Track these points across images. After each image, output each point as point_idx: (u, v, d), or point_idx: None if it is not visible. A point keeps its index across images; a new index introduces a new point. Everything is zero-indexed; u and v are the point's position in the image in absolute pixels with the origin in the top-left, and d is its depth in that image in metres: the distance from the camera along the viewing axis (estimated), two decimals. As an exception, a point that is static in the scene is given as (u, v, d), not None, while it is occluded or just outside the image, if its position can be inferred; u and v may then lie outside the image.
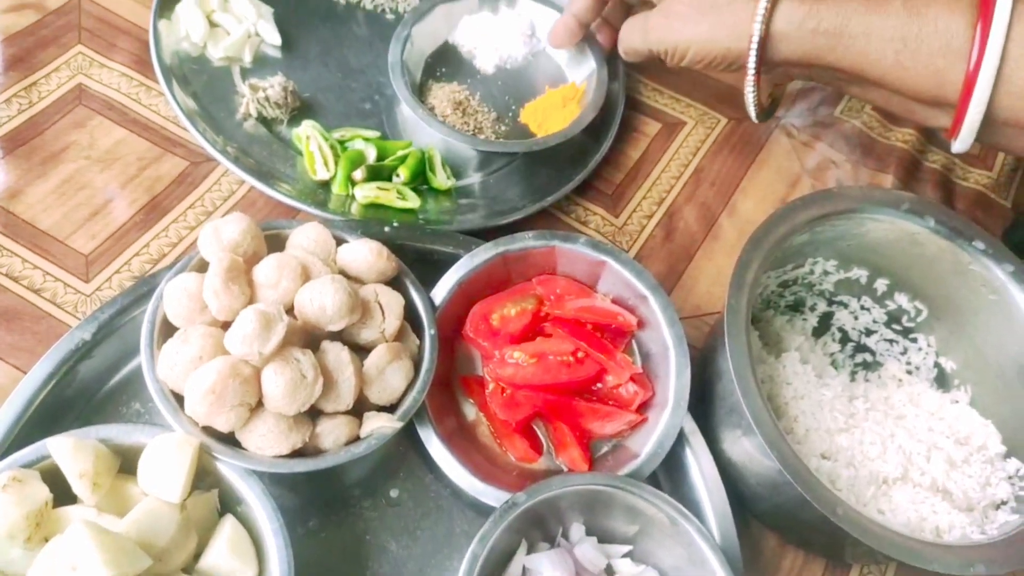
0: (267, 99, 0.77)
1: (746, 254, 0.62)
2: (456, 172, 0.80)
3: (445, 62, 0.87)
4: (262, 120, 0.78)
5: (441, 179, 0.78)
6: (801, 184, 0.87)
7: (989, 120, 0.59)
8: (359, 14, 0.89)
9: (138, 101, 0.77)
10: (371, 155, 0.76)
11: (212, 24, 0.81)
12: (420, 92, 0.82)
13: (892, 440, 0.63)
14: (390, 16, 0.89)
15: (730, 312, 0.59)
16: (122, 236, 0.70)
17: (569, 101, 0.83)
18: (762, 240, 0.63)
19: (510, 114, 0.85)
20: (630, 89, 0.90)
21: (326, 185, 0.75)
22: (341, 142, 0.77)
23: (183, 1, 0.80)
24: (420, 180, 0.77)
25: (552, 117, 0.82)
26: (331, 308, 0.57)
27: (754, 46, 0.64)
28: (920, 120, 0.66)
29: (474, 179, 0.81)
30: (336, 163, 0.75)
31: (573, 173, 0.80)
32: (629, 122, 0.87)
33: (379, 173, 0.75)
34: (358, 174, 0.74)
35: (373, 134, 0.79)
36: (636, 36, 0.74)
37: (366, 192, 0.74)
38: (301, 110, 0.79)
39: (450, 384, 0.67)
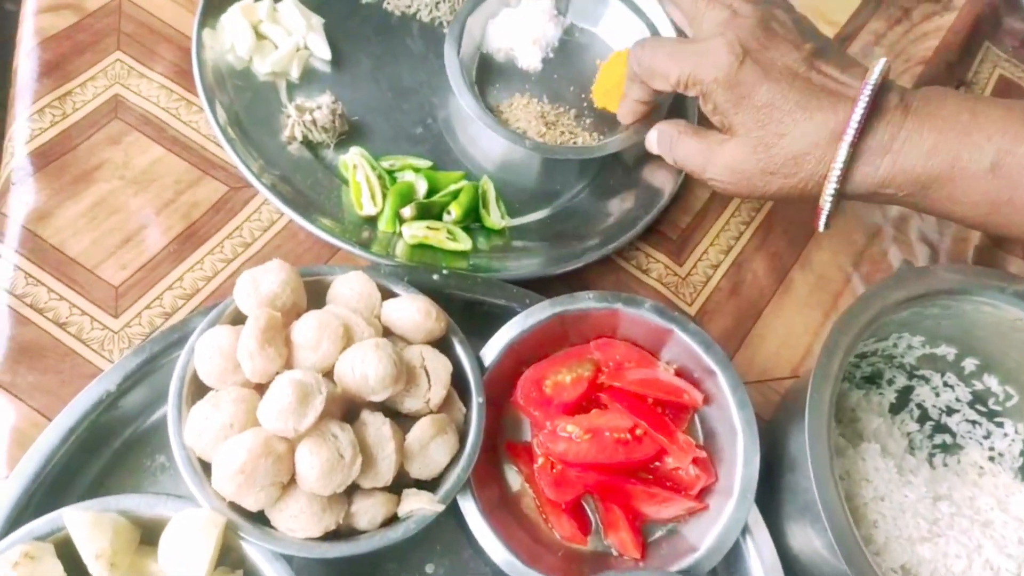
0: (314, 122, 0.71)
1: (832, 340, 0.56)
2: (511, 210, 0.74)
3: (491, 76, 0.81)
4: (307, 144, 0.72)
5: (495, 218, 0.72)
6: (882, 236, 0.80)
7: None
8: (414, 26, 0.83)
9: (177, 117, 0.72)
10: (422, 188, 0.71)
11: (259, 36, 0.75)
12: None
13: (979, 553, 0.57)
14: (447, 31, 0.83)
15: (812, 409, 0.53)
16: (155, 267, 0.65)
17: None
18: (849, 325, 0.57)
19: (585, 105, 0.80)
20: (703, 117, 0.83)
21: (371, 221, 0.70)
22: (390, 172, 0.72)
23: (229, 10, 0.74)
24: (472, 218, 0.72)
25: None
26: (374, 379, 0.52)
27: (823, 216, 0.60)
28: None
29: (530, 218, 0.75)
30: (384, 197, 0.70)
31: (638, 215, 0.74)
32: (699, 158, 0.81)
33: (429, 210, 0.70)
34: (407, 211, 0.69)
35: (424, 164, 0.73)
36: (697, 165, 0.64)
37: (414, 231, 0.69)
38: (348, 133, 0.74)
39: (495, 449, 0.63)
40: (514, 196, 0.75)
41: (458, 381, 0.59)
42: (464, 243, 0.70)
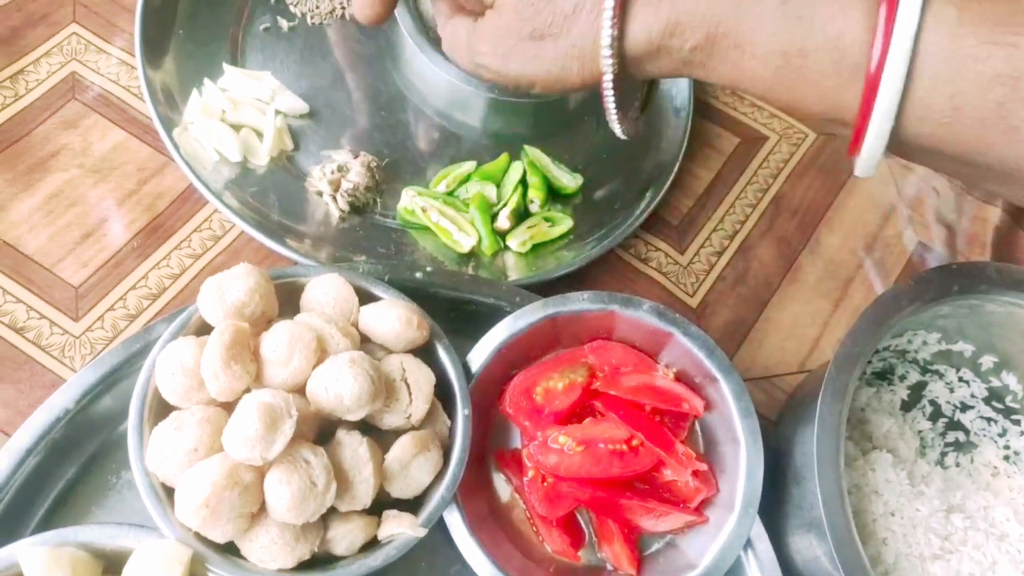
0: (355, 188, 0.65)
1: (843, 352, 0.52)
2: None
3: None
4: (354, 209, 0.66)
5: (567, 180, 0.69)
6: (896, 216, 0.75)
7: (901, 145, 0.43)
8: (349, 28, 0.75)
9: (138, 96, 0.67)
10: (491, 193, 0.67)
11: (233, 127, 0.66)
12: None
13: (994, 571, 0.54)
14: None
15: (822, 427, 0.49)
16: (117, 264, 0.61)
17: None
18: (862, 334, 0.52)
19: None
20: (702, 91, 0.78)
21: (472, 254, 0.66)
22: (450, 194, 0.67)
23: (190, 126, 0.64)
24: (550, 192, 0.69)
25: None
26: (349, 398, 0.48)
27: (608, 82, 0.48)
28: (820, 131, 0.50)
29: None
30: (471, 223, 0.65)
31: (636, 202, 0.69)
32: (700, 134, 0.75)
33: (516, 211, 0.67)
34: (503, 222, 0.65)
35: (469, 166, 0.69)
36: (462, 55, 0.54)
37: (520, 238, 0.65)
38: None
39: (483, 457, 0.59)
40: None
41: (442, 390, 0.55)
42: (566, 220, 0.67)
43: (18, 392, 0.56)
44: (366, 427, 0.52)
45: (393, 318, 0.53)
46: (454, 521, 0.53)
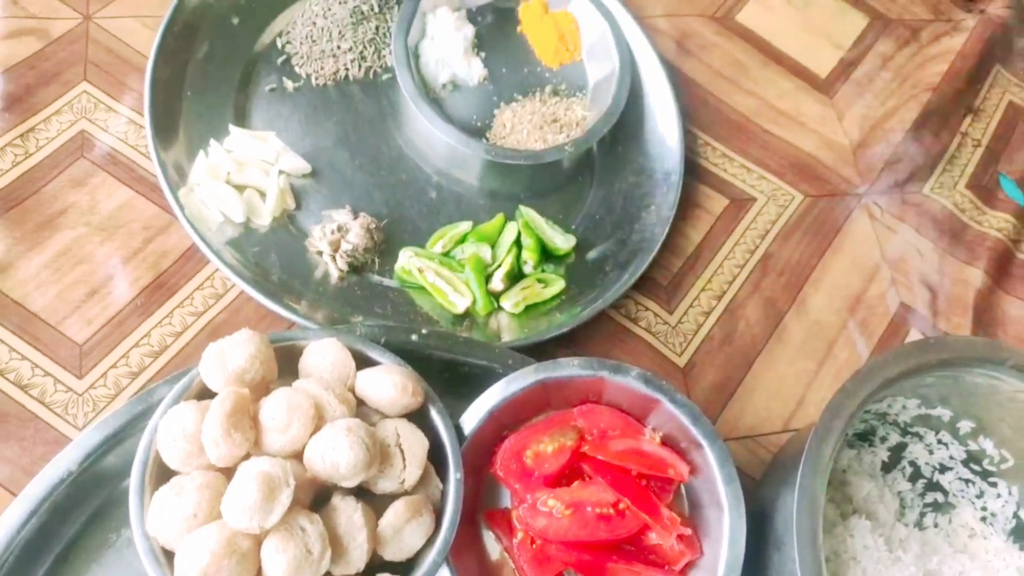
0: (355, 249, 0.67)
1: (824, 423, 0.53)
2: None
3: (458, 109, 0.79)
4: (353, 270, 0.68)
5: (560, 241, 0.71)
6: (879, 277, 0.78)
7: None
8: (353, 88, 0.77)
9: (146, 155, 0.69)
10: (486, 254, 0.69)
11: (237, 187, 0.68)
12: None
13: (969, 638, 0.55)
14: (385, 76, 0.79)
15: (802, 500, 0.51)
16: (121, 322, 0.63)
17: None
18: (844, 406, 0.54)
19: (548, 75, 0.82)
20: (694, 152, 0.80)
21: (466, 314, 0.68)
22: (446, 254, 0.69)
23: (195, 187, 0.67)
24: (543, 253, 0.71)
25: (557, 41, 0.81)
26: (345, 466, 0.50)
27: None
28: None
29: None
30: (467, 284, 0.67)
31: (628, 264, 0.71)
32: (691, 194, 0.78)
33: (510, 273, 0.69)
34: (497, 283, 0.67)
35: (466, 226, 0.71)
36: None
37: (514, 299, 0.67)
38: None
39: (474, 517, 0.61)
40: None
41: (435, 452, 0.57)
42: (558, 281, 0.69)
43: (22, 449, 0.58)
44: (360, 491, 0.53)
45: (389, 385, 0.55)
46: (446, 581, 0.55)
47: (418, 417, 0.57)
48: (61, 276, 0.63)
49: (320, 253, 0.67)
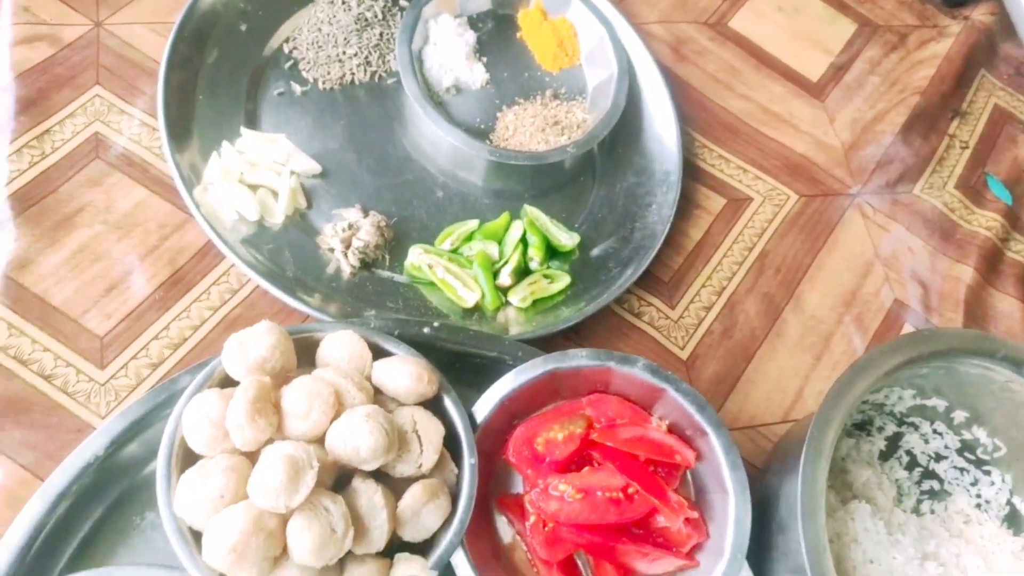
0: (366, 246, 0.69)
1: (824, 411, 0.56)
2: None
3: (462, 114, 0.81)
4: (364, 266, 0.70)
5: (565, 239, 0.73)
6: (873, 274, 0.80)
7: None
8: (359, 91, 0.79)
9: (159, 156, 0.71)
10: (493, 251, 0.71)
11: (250, 187, 0.70)
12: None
13: (966, 615, 0.58)
14: (390, 80, 0.81)
15: (805, 484, 0.53)
16: (140, 316, 0.64)
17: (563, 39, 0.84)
18: (843, 395, 0.56)
19: (548, 79, 0.84)
20: (692, 154, 0.83)
21: (475, 308, 0.69)
22: (455, 251, 0.71)
23: (210, 187, 0.68)
24: (549, 250, 0.73)
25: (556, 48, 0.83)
26: (365, 450, 0.52)
27: None
28: None
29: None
30: (475, 279, 0.69)
31: (631, 260, 0.73)
32: (690, 195, 0.80)
33: (517, 269, 0.70)
34: (505, 279, 0.69)
35: (473, 224, 0.73)
36: None
37: (522, 294, 0.69)
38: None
39: (487, 502, 0.62)
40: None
41: (450, 439, 0.58)
42: (564, 277, 0.71)
43: (47, 436, 0.59)
44: (379, 474, 0.55)
45: (405, 374, 0.56)
46: (460, 562, 0.56)
47: (432, 405, 0.58)
48: (80, 272, 0.65)
49: (332, 250, 0.69)
